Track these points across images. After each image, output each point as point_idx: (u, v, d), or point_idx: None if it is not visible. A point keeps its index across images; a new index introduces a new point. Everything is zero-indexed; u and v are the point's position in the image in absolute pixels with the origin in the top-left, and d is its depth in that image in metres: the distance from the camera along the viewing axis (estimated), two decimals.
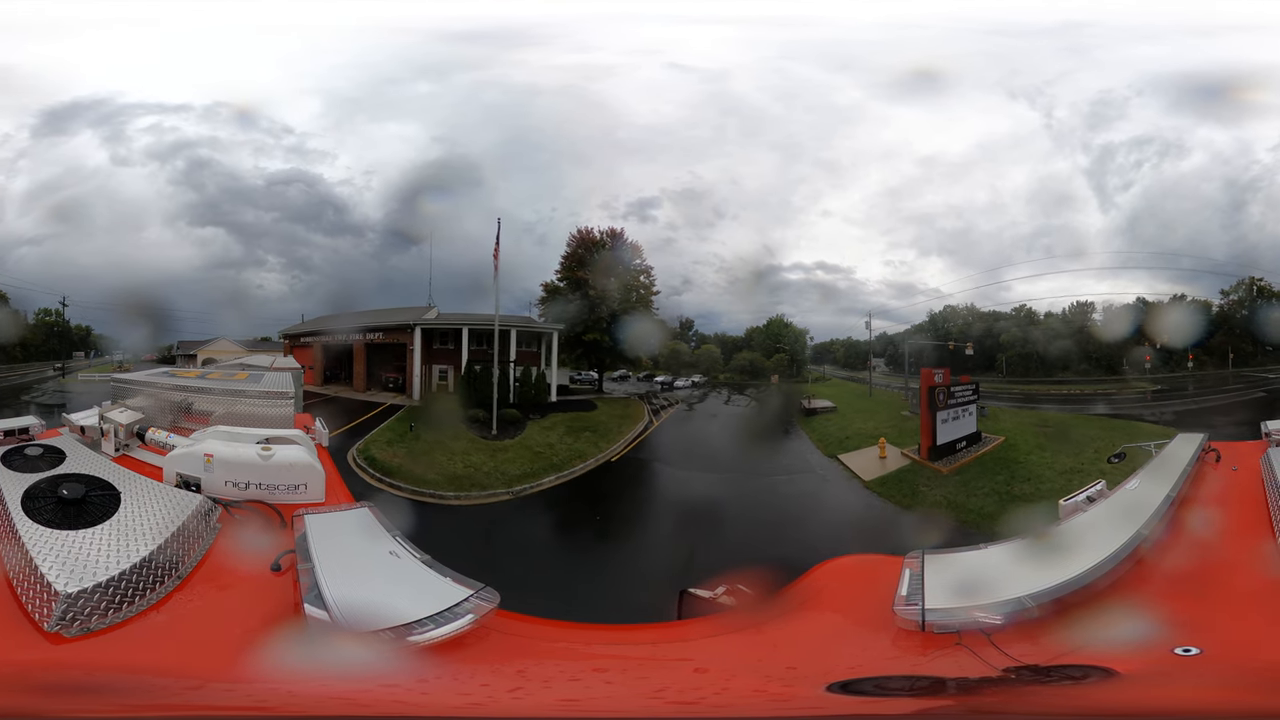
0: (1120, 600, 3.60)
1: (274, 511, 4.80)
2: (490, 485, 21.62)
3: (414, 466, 21.70)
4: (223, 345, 30.10)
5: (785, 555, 13.04)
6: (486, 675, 3.34)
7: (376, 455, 21.98)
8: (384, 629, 3.32)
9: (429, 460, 22.00)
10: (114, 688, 3.05)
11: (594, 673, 3.53)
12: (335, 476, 5.51)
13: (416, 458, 22.18)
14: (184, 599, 3.74)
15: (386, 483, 20.72)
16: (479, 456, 22.82)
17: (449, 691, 3.24)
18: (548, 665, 3.63)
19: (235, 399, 6.91)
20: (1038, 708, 2.90)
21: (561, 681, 3.44)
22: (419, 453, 22.52)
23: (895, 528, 16.80)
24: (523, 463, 22.83)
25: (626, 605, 10.95)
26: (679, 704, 3.24)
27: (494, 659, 3.45)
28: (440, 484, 21.15)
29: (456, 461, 22.29)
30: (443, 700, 3.18)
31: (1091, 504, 4.77)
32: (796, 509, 18.04)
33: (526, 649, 3.71)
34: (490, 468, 22.32)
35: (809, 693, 3.16)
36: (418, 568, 3.94)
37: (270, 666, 3.22)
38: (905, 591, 3.77)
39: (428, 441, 23.06)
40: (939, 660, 3.30)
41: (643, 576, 14.18)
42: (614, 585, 13.86)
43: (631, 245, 28.57)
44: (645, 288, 28.77)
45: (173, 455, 5.27)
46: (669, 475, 23.37)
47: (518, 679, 3.40)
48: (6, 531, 3.91)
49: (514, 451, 23.52)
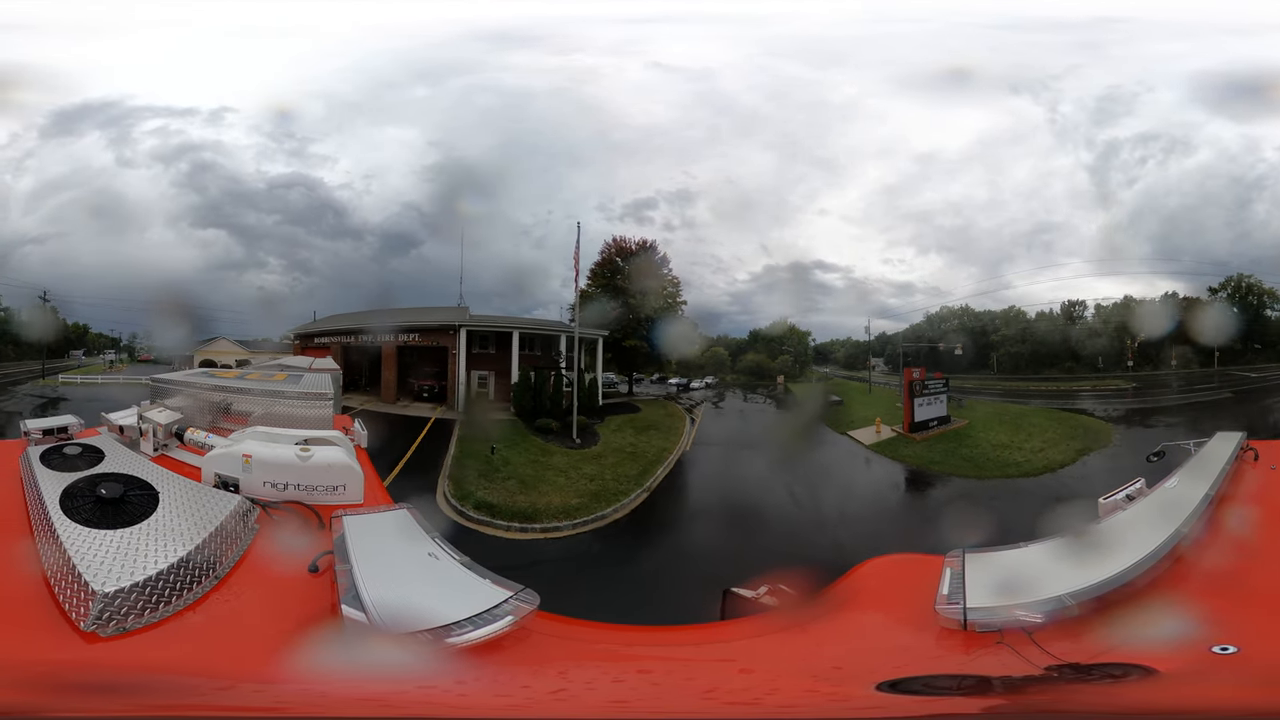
0: (1159, 598, 3.37)
1: (312, 513, 4.52)
2: (626, 490, 19.74)
3: (541, 496, 18.51)
4: (221, 346, 28.29)
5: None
6: (527, 677, 3.10)
7: (488, 498, 17.88)
8: (422, 630, 3.06)
9: (551, 484, 19.16)
10: (146, 687, 2.84)
11: (638, 674, 3.28)
12: (374, 478, 5.22)
13: (530, 486, 18.88)
14: (221, 599, 3.51)
15: (518, 528, 17.18)
16: (589, 467, 20.59)
17: (488, 693, 3.00)
18: (589, 667, 3.39)
19: (274, 400, 6.61)
20: (1081, 706, 2.73)
21: (605, 683, 3.21)
22: (530, 480, 19.21)
23: (879, 465, 23.20)
24: (628, 464, 21.17)
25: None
26: (733, 704, 3.01)
27: (534, 661, 3.21)
28: (587, 505, 18.58)
29: (575, 477, 19.83)
30: (482, 702, 2.95)
31: (1131, 502, 4.49)
32: (827, 459, 23.91)
33: (567, 651, 3.46)
34: (610, 475, 20.31)
35: (860, 692, 2.95)
36: (457, 569, 3.65)
37: (304, 667, 2.99)
38: (947, 590, 3.53)
39: (519, 462, 20.00)
40: (982, 659, 3.09)
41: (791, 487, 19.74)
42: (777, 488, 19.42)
43: (661, 255, 27.58)
44: (673, 295, 28.15)
45: (211, 455, 4.98)
46: (743, 454, 24.59)
47: (559, 680, 3.16)
48: (45, 530, 3.69)
49: (611, 456, 21.62)
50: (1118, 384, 27.92)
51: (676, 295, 28.08)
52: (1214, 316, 26.17)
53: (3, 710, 2.45)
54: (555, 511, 18.00)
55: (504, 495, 18.22)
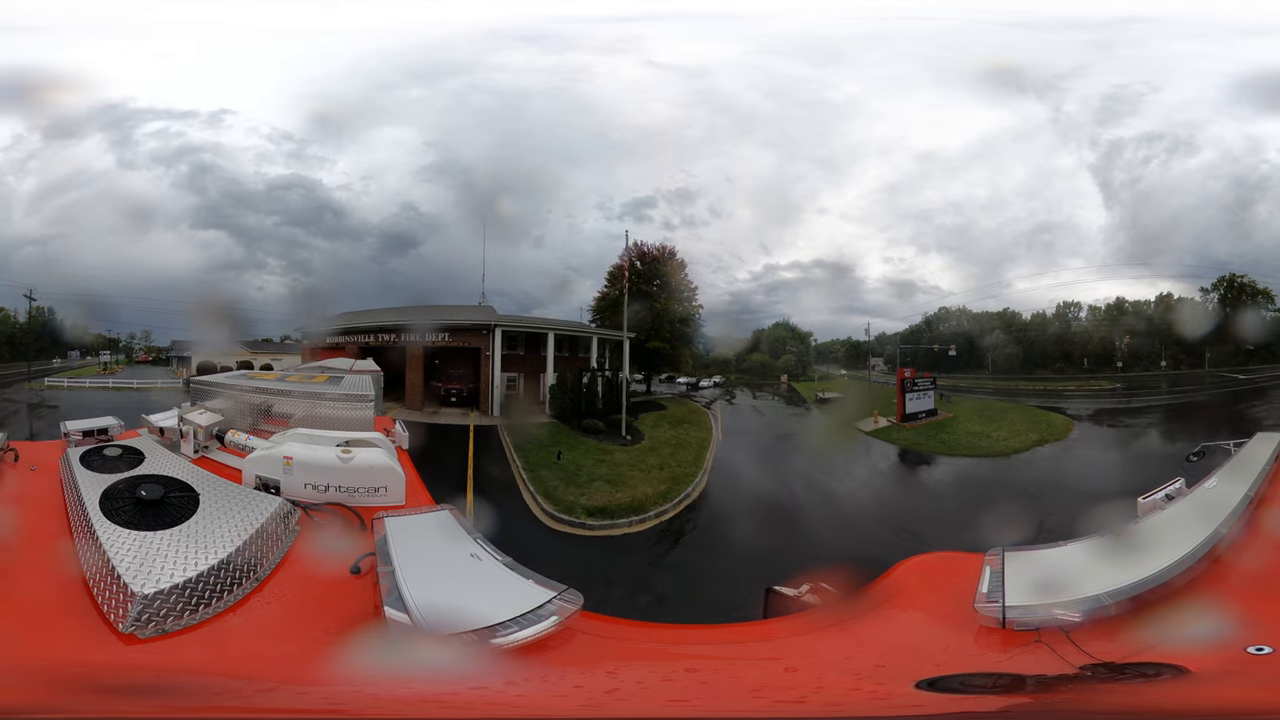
0: (1196, 599, 3.25)
1: (353, 514, 4.38)
2: (691, 474, 20.23)
3: (632, 490, 18.73)
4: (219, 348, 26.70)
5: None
6: (577, 677, 2.99)
7: (593, 503, 17.71)
8: (467, 631, 2.93)
9: (633, 478, 19.32)
10: (184, 689, 2.73)
11: (687, 672, 3.16)
12: (415, 479, 5.08)
13: (618, 484, 18.96)
14: (262, 601, 3.40)
15: (636, 521, 17.30)
16: (651, 459, 20.94)
17: (547, 693, 2.89)
18: (638, 666, 3.27)
19: (315, 401, 6.47)
20: (1110, 705, 2.65)
21: (656, 682, 3.10)
22: (614, 478, 19.25)
23: (877, 446, 25.47)
24: (681, 452, 21.71)
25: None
26: (781, 703, 2.92)
27: (582, 661, 3.08)
28: (671, 489, 19.04)
29: (647, 469, 20.10)
30: (542, 701, 2.84)
31: (1170, 502, 4.36)
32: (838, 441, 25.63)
33: (613, 650, 3.33)
34: (674, 463, 20.73)
35: (901, 690, 2.86)
36: (500, 570, 3.50)
37: (349, 669, 2.88)
38: (986, 589, 3.42)
39: (588, 464, 19.76)
40: (1019, 657, 2.99)
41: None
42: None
43: (680, 260, 27.36)
44: (690, 298, 28.12)
45: (252, 457, 4.86)
46: (770, 440, 26.71)
47: (610, 680, 3.05)
48: (84, 531, 3.58)
49: (663, 448, 21.97)
50: (1102, 384, 28.54)
51: (693, 298, 28.17)
52: (1203, 317, 26.04)
53: (39, 711, 2.41)
54: (655, 499, 18.43)
55: (603, 496, 18.31)
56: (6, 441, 5.04)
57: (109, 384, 27.07)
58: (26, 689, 2.55)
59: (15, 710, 2.38)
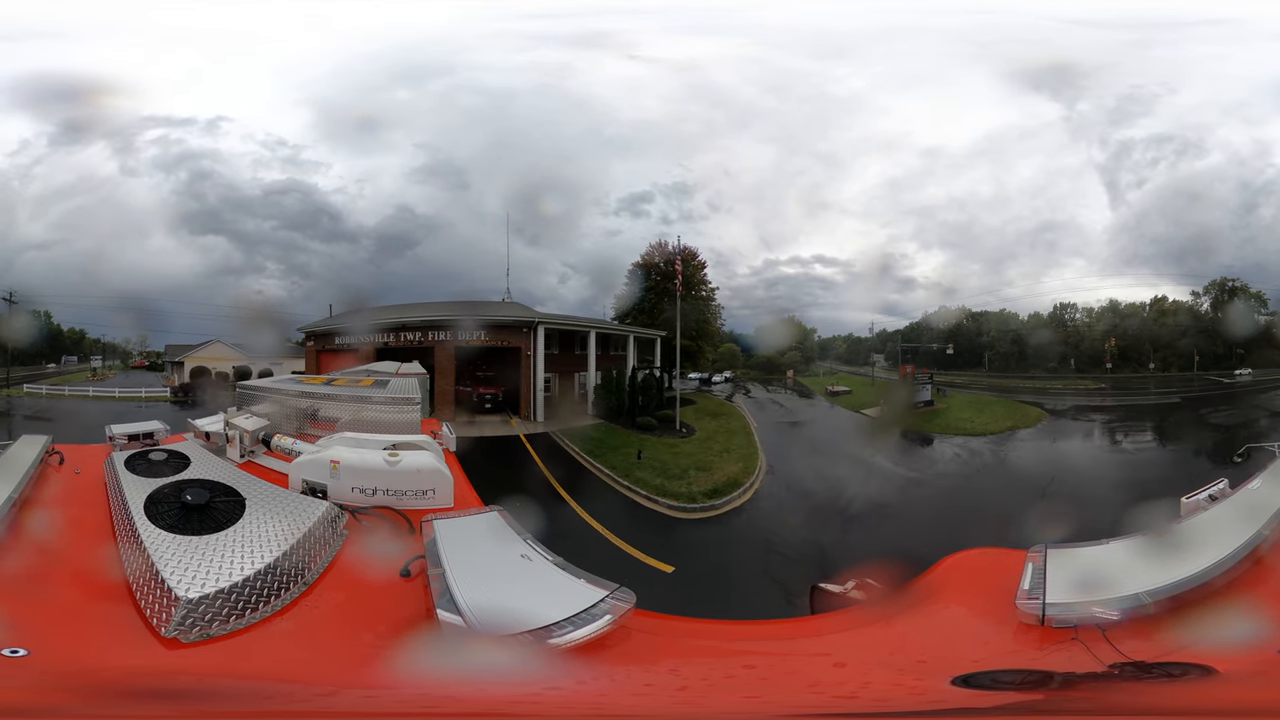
0: (1235, 600, 3.12)
1: (402, 517, 4.22)
2: (754, 456, 20.98)
3: (722, 471, 19.18)
4: (216, 350, 25.48)
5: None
6: (643, 675, 2.86)
7: (704, 487, 18.04)
8: (522, 632, 2.78)
9: (715, 462, 19.78)
10: (227, 693, 2.61)
11: (745, 669, 3.05)
12: (464, 481, 4.92)
13: (707, 468, 19.27)
14: (310, 605, 3.25)
15: (750, 491, 18.33)
16: (715, 444, 21.47)
17: (622, 692, 2.77)
18: (698, 664, 3.13)
19: (361, 405, 6.30)
20: (1131, 704, 2.57)
21: (719, 679, 2.97)
22: (702, 464, 19.52)
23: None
24: (733, 438, 22.42)
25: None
26: (835, 699, 2.82)
27: (642, 659, 2.95)
28: (748, 467, 19.75)
29: (716, 453, 20.64)
30: (620, 700, 2.72)
31: (1213, 503, 4.18)
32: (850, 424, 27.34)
33: (670, 648, 3.19)
34: (736, 445, 21.60)
35: (938, 686, 2.75)
36: (551, 570, 3.33)
37: (409, 672, 2.74)
38: (1028, 585, 3.28)
39: (666, 458, 19.61)
40: (1053, 654, 2.89)
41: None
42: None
43: (701, 260, 26.45)
44: (710, 297, 27.49)
45: (298, 462, 4.71)
46: (794, 426, 27.89)
47: (675, 678, 2.93)
48: (128, 535, 3.44)
49: (718, 436, 22.34)
50: (1087, 384, 28.83)
51: (713, 297, 27.63)
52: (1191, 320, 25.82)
53: (79, 715, 2.32)
54: (743, 475, 19.13)
55: (705, 481, 18.46)
56: (51, 444, 4.92)
57: (89, 392, 25.02)
58: (64, 692, 2.44)
59: (53, 712, 2.30)
